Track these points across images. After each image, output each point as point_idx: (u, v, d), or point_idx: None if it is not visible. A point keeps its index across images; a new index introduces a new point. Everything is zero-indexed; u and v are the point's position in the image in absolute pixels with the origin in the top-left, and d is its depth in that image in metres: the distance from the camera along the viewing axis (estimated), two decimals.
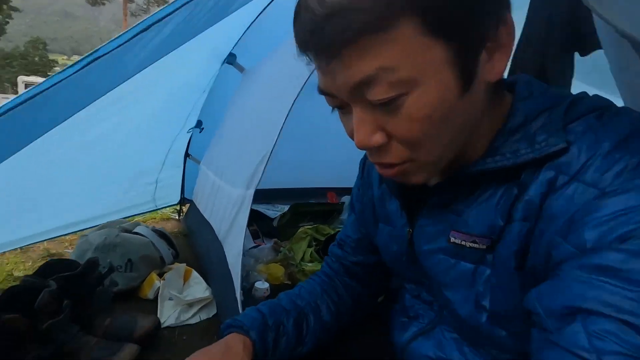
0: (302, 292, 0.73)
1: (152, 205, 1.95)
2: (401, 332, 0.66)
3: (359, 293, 0.75)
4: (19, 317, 0.81)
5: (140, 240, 1.34)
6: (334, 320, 0.72)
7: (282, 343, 0.63)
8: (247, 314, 0.64)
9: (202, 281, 1.33)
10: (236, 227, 1.23)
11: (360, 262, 0.73)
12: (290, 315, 0.65)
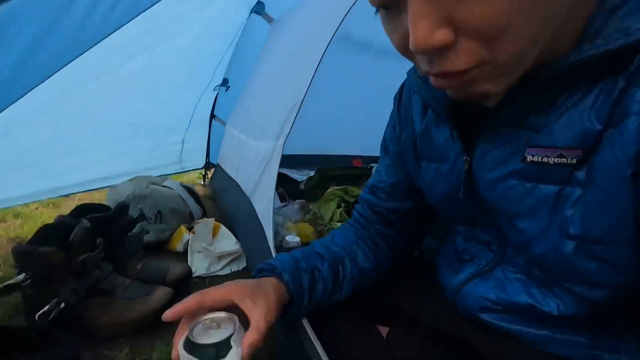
0: (335, 238, 0.68)
1: (179, 166, 1.94)
2: (453, 275, 0.61)
3: (395, 241, 0.70)
4: (54, 250, 0.80)
5: (170, 192, 1.33)
6: (371, 267, 0.67)
7: (318, 288, 0.60)
8: (278, 257, 0.61)
9: (231, 235, 1.31)
10: (266, 178, 1.19)
11: (396, 209, 0.67)
12: (325, 260, 0.62)
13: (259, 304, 0.49)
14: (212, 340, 0.43)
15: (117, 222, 0.97)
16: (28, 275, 0.79)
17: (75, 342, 0.73)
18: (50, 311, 0.78)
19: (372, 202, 0.69)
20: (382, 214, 0.69)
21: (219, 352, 0.44)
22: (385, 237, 0.70)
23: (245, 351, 0.44)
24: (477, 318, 0.55)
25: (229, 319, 0.47)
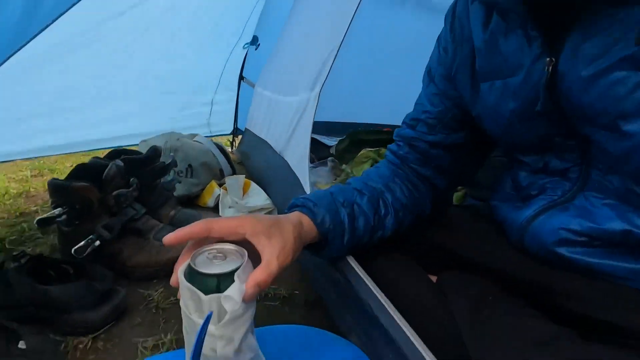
0: (371, 175, 0.62)
1: (207, 130, 1.91)
2: (517, 211, 0.54)
3: (433, 182, 0.63)
4: (88, 185, 0.78)
5: (201, 147, 1.30)
6: (412, 205, 0.61)
7: (359, 223, 0.55)
8: (313, 192, 0.57)
9: (262, 192, 1.27)
10: (300, 129, 1.14)
11: (439, 143, 0.60)
12: (364, 194, 0.58)
13: (273, 242, 0.44)
14: (214, 271, 0.39)
15: (149, 165, 0.94)
16: (64, 209, 0.77)
17: (111, 276, 0.72)
18: (86, 247, 0.76)
19: (411, 136, 0.62)
20: (421, 151, 0.62)
21: (221, 284, 0.39)
22: (422, 178, 0.63)
23: (249, 289, 0.39)
24: (553, 254, 0.48)
25: (237, 251, 0.42)
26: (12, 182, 1.41)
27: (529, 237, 0.51)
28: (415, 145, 0.62)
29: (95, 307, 0.66)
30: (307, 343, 0.58)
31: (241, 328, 0.41)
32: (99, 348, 0.62)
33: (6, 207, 1.18)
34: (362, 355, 0.55)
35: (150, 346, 0.62)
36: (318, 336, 0.60)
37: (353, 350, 0.56)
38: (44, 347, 0.53)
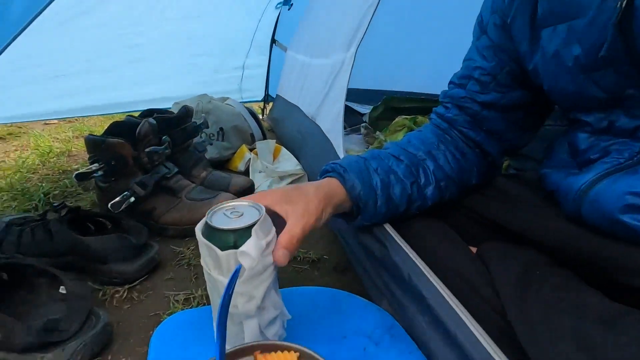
0: (412, 140, 0.58)
1: (238, 95, 1.90)
2: (574, 178, 0.48)
3: (483, 148, 0.58)
4: (122, 141, 0.79)
5: (232, 110, 1.29)
6: (456, 175, 0.57)
7: (395, 191, 0.53)
8: (346, 157, 0.55)
9: (293, 157, 1.25)
10: (334, 92, 1.09)
11: (493, 102, 0.55)
12: (401, 162, 0.55)
13: (295, 206, 0.43)
14: (230, 227, 0.38)
15: (181, 125, 0.94)
16: (100, 165, 0.79)
17: (145, 231, 0.73)
18: (122, 202, 0.78)
19: (461, 96, 0.57)
20: (472, 112, 0.57)
21: (237, 240, 0.38)
22: (472, 143, 0.59)
23: (276, 254, 0.39)
24: (616, 223, 0.43)
25: (254, 207, 0.41)
26: (55, 142, 1.47)
27: (587, 205, 0.45)
28: (466, 106, 0.57)
29: (130, 259, 0.68)
30: (336, 306, 0.57)
31: (262, 285, 0.40)
32: (134, 298, 0.64)
33: (50, 165, 1.24)
34: (392, 321, 0.53)
35: (181, 299, 0.64)
36: (347, 299, 0.59)
37: (383, 315, 0.54)
38: (82, 292, 0.55)
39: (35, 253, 0.66)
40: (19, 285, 0.58)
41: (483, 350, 0.35)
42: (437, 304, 0.42)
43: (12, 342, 0.47)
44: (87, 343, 0.50)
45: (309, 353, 0.35)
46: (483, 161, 0.60)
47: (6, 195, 1.01)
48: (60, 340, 0.49)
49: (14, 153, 1.36)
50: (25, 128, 1.67)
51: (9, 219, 0.72)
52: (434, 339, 0.43)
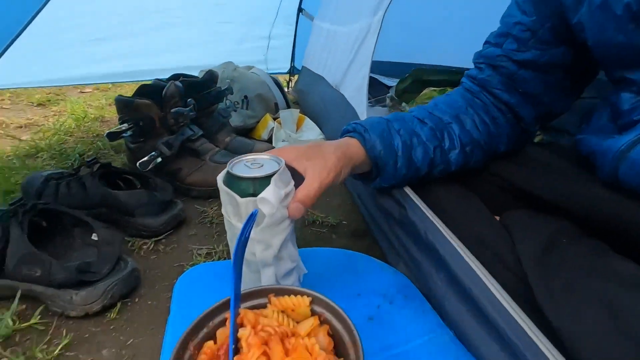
0: (439, 104, 0.57)
1: (264, 66, 1.88)
2: (613, 140, 0.45)
3: (519, 111, 0.55)
4: (150, 102, 0.81)
5: (257, 78, 1.28)
6: (484, 141, 0.54)
7: (417, 154, 0.51)
8: (368, 118, 0.54)
9: (316, 127, 1.24)
10: (358, 59, 1.06)
11: (531, 62, 0.51)
12: (425, 124, 0.53)
13: (314, 162, 0.44)
14: (251, 175, 0.39)
15: (206, 89, 0.95)
16: (129, 125, 0.82)
17: (171, 189, 0.76)
18: (149, 162, 0.81)
19: (497, 55, 0.54)
20: (508, 73, 0.54)
21: (257, 188, 0.39)
22: (505, 107, 0.56)
23: (291, 206, 0.40)
24: None
25: (274, 160, 0.42)
26: (90, 108, 1.53)
27: (626, 167, 0.42)
28: (501, 66, 0.54)
29: (156, 214, 0.71)
30: (352, 266, 0.58)
31: (280, 235, 0.41)
32: (160, 250, 0.68)
33: (85, 129, 1.30)
34: (407, 282, 0.53)
35: (204, 253, 0.66)
36: (363, 260, 0.59)
37: (398, 276, 0.54)
38: (113, 240, 0.58)
39: (71, 204, 0.70)
40: (56, 231, 0.62)
41: (499, 304, 0.34)
42: (452, 260, 0.41)
43: (50, 278, 0.51)
44: (116, 284, 0.53)
45: (320, 298, 0.35)
46: (515, 127, 0.57)
47: (46, 154, 1.07)
48: (92, 280, 0.53)
49: (53, 117, 1.43)
50: (63, 95, 1.74)
51: (47, 174, 0.76)
52: (449, 296, 0.43)
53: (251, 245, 0.42)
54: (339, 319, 0.34)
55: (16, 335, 0.49)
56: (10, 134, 1.24)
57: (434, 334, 0.44)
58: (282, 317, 0.35)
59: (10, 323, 0.50)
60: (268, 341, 0.32)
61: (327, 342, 0.33)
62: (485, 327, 0.36)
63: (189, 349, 0.32)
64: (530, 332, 0.31)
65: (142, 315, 0.53)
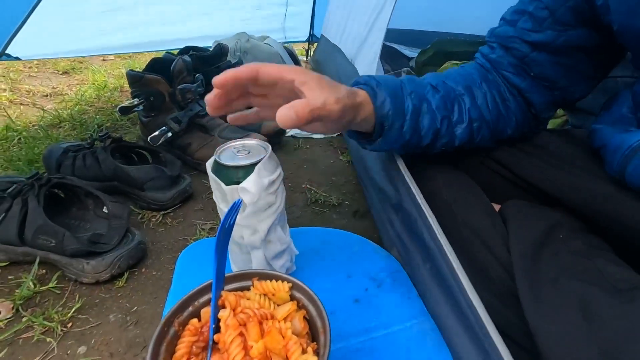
0: (453, 73, 0.53)
1: (281, 35, 1.84)
2: (629, 134, 0.42)
3: (529, 96, 0.52)
4: (159, 78, 0.82)
5: (270, 49, 1.26)
6: (492, 120, 0.51)
7: (423, 122, 0.48)
8: (381, 74, 0.50)
9: None
10: (374, 31, 1.02)
11: (546, 43, 0.47)
12: (438, 92, 0.49)
13: (324, 90, 0.37)
14: (236, 163, 0.40)
15: (215, 63, 0.95)
16: (140, 100, 0.84)
17: (179, 164, 0.78)
18: (160, 137, 0.83)
19: (509, 35, 0.50)
20: (520, 55, 0.50)
21: (242, 176, 0.40)
22: (514, 89, 0.53)
23: (279, 114, 0.34)
24: None
25: (262, 147, 0.42)
26: (110, 77, 1.57)
27: (633, 167, 0.40)
28: (513, 47, 0.50)
29: (165, 189, 0.74)
30: (346, 247, 0.59)
31: (266, 220, 0.42)
32: (167, 223, 0.71)
33: (105, 99, 1.34)
34: (398, 267, 0.54)
35: (207, 228, 0.69)
36: (358, 242, 0.60)
37: (390, 261, 0.55)
38: (122, 213, 0.61)
39: (87, 177, 0.75)
40: (71, 203, 0.66)
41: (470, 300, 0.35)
42: (437, 255, 0.42)
43: (64, 248, 0.55)
44: (123, 256, 0.57)
45: (300, 285, 0.37)
46: (525, 112, 0.54)
47: (67, 124, 1.12)
48: (102, 251, 0.57)
49: (75, 87, 1.48)
50: (86, 63, 1.78)
51: (66, 145, 0.80)
52: (431, 287, 0.44)
53: (239, 230, 0.43)
54: (314, 306, 0.36)
55: (36, 297, 0.55)
56: (37, 104, 1.30)
57: (416, 321, 0.45)
58: (263, 300, 0.37)
59: (31, 286, 0.55)
60: (247, 322, 0.34)
61: (302, 327, 0.35)
62: (461, 324, 0.37)
63: (173, 325, 0.35)
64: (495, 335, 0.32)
65: (147, 284, 0.58)
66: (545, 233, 0.43)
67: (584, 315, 0.32)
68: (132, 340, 0.49)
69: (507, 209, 0.50)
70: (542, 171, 0.51)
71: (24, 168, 0.86)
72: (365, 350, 0.43)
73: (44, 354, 0.47)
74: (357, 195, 0.80)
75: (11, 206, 0.58)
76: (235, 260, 0.48)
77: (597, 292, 0.34)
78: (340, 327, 0.45)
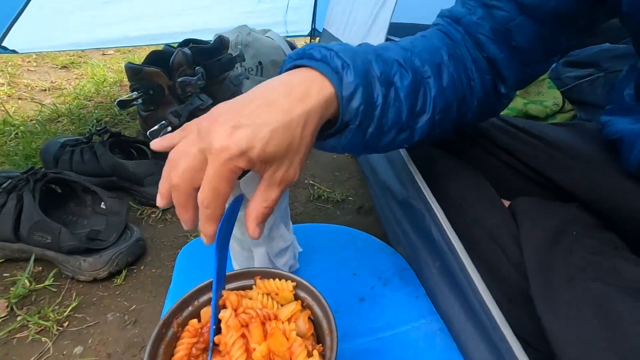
0: (417, 46, 0.40)
1: (283, 29, 1.82)
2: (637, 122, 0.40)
3: (502, 71, 0.44)
4: (158, 70, 0.80)
5: (271, 43, 1.24)
6: (455, 106, 0.42)
7: (388, 116, 0.35)
8: (337, 44, 0.34)
9: None
10: (375, 28, 1.00)
11: (538, 5, 0.40)
12: (407, 74, 0.36)
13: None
14: None
15: (216, 56, 0.92)
16: (139, 93, 0.82)
17: None
18: (159, 131, 0.81)
19: (481, 2, 0.42)
20: (504, 17, 0.41)
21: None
22: (485, 63, 0.43)
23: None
24: None
25: None
26: (110, 71, 1.55)
27: None
28: (498, 7, 0.41)
29: None
30: (351, 244, 0.57)
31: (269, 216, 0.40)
32: (167, 219, 0.70)
33: (104, 93, 1.32)
34: (404, 264, 0.52)
35: None
36: (363, 239, 0.59)
37: (396, 258, 0.54)
38: (120, 209, 0.60)
39: (85, 172, 0.73)
40: (69, 198, 0.65)
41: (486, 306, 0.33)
42: (447, 254, 0.40)
43: (60, 245, 0.54)
44: (122, 253, 0.56)
45: (305, 284, 0.35)
46: (487, 94, 0.45)
47: (66, 119, 1.10)
48: (100, 248, 0.55)
49: (74, 81, 1.46)
50: (86, 57, 1.76)
51: (63, 140, 0.79)
52: (441, 286, 0.42)
53: (240, 226, 0.42)
54: (320, 306, 0.34)
55: (32, 295, 0.53)
56: (35, 98, 1.28)
57: (424, 321, 0.43)
58: (266, 299, 0.35)
59: (27, 283, 0.54)
60: (249, 323, 0.32)
61: (307, 328, 0.33)
62: (473, 324, 0.35)
63: (172, 326, 0.33)
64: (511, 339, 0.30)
65: (145, 282, 0.56)
66: (558, 230, 0.41)
67: (601, 319, 0.30)
68: (131, 340, 0.47)
69: (517, 206, 0.48)
70: (556, 166, 0.49)
71: (21, 163, 0.84)
72: (372, 350, 0.41)
73: (38, 355, 0.45)
74: (361, 191, 0.78)
75: (6, 202, 0.56)
76: (237, 257, 0.47)
77: (614, 293, 0.32)
78: (345, 326, 0.43)
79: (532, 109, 0.94)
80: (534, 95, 0.98)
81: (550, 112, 0.95)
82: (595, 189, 0.44)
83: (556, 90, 0.97)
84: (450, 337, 0.40)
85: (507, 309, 0.38)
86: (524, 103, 0.95)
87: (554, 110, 0.95)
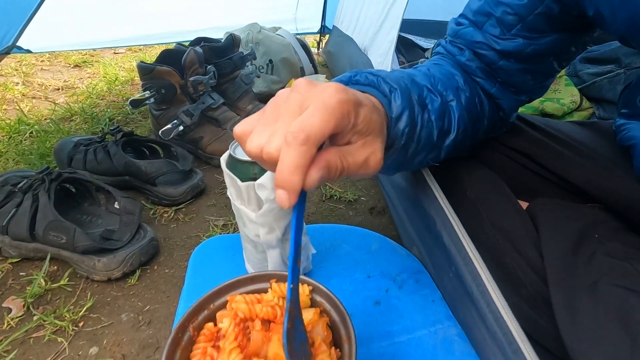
0: (436, 73, 0.43)
1: (293, 26, 1.81)
2: None
3: (498, 101, 0.47)
4: (170, 69, 0.80)
5: (282, 41, 1.23)
6: (472, 127, 0.45)
7: (422, 136, 0.37)
8: (382, 71, 0.36)
9: None
10: (388, 22, 0.98)
11: (515, 52, 0.42)
12: (436, 98, 0.40)
13: None
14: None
15: (228, 54, 0.92)
16: (151, 92, 0.82)
17: (191, 158, 0.76)
18: (171, 130, 0.81)
19: (476, 41, 0.44)
20: (488, 60, 0.44)
21: (258, 172, 0.37)
22: (485, 93, 0.47)
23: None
24: None
25: None
26: (121, 70, 1.56)
27: None
28: (482, 53, 0.44)
29: (176, 184, 0.72)
30: (365, 245, 0.56)
31: (283, 219, 0.40)
32: (180, 219, 0.70)
33: (116, 92, 1.32)
34: (419, 267, 0.51)
35: (220, 224, 0.68)
36: (377, 240, 0.58)
37: (411, 260, 0.53)
38: (133, 209, 0.60)
39: (98, 171, 0.73)
40: (83, 198, 0.65)
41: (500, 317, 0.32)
42: (461, 262, 0.39)
43: (75, 245, 0.54)
44: (135, 253, 0.56)
45: (321, 288, 0.35)
46: (495, 115, 0.49)
47: (79, 118, 1.11)
48: (114, 248, 0.55)
49: (87, 80, 1.47)
50: (98, 57, 1.78)
51: (77, 139, 0.79)
52: (458, 290, 0.41)
53: (254, 228, 0.41)
54: (337, 311, 0.33)
55: (48, 295, 0.54)
56: (49, 97, 1.29)
57: (441, 326, 0.42)
58: (282, 303, 0.35)
59: (42, 283, 0.54)
60: (251, 330, 0.32)
61: (325, 335, 0.33)
62: (490, 334, 0.34)
63: (188, 330, 0.33)
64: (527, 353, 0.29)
65: (159, 282, 0.56)
66: (580, 233, 0.40)
67: (626, 329, 0.29)
68: (145, 341, 0.47)
69: (536, 208, 0.46)
70: (574, 167, 0.48)
71: (36, 162, 0.85)
72: (388, 355, 0.40)
73: (55, 355, 0.46)
74: (373, 191, 0.78)
75: (22, 201, 0.57)
76: (251, 259, 0.46)
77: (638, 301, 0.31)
78: (360, 330, 0.42)
79: (549, 107, 0.92)
80: (550, 92, 0.95)
81: (568, 109, 0.93)
82: (613, 193, 0.43)
83: (574, 87, 0.95)
84: (469, 344, 0.39)
85: (527, 314, 0.37)
86: (540, 101, 0.93)
87: (571, 108, 0.93)
